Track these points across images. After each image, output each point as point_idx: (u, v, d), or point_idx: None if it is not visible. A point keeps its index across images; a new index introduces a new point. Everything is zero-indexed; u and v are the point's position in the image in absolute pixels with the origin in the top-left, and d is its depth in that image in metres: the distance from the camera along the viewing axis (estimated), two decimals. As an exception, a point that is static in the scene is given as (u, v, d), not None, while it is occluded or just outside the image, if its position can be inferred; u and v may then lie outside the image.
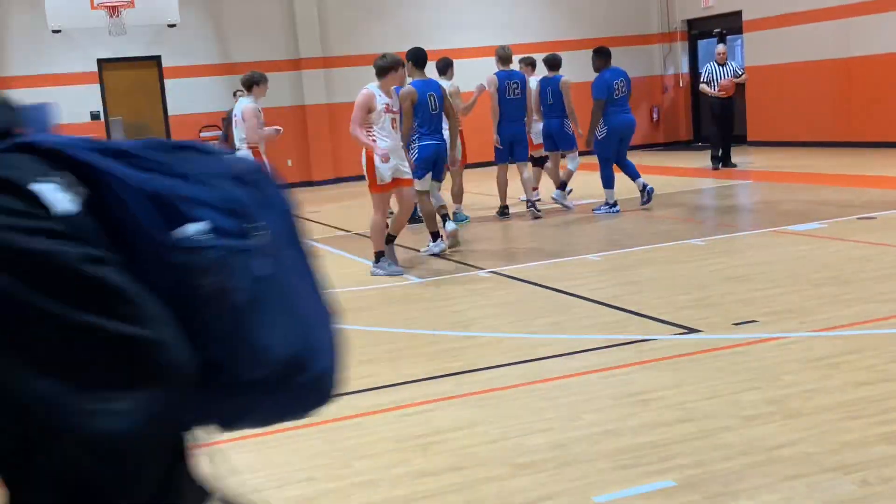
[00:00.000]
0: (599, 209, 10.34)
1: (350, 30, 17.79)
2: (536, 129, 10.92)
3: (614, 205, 10.24)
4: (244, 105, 9.33)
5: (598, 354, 4.97)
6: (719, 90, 13.97)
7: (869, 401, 3.90)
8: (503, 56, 10.35)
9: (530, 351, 5.16)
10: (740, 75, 14.10)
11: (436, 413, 4.27)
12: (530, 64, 11.29)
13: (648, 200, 10.14)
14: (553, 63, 10.91)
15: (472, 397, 4.46)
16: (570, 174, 10.75)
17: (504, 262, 7.92)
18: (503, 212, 10.59)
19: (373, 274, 7.74)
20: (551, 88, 10.68)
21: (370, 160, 7.58)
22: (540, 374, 4.71)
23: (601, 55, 10.41)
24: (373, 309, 6.62)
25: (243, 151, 8.91)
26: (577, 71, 14.62)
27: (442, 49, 18.26)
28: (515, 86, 10.13)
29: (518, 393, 4.46)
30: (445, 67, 10.37)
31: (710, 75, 14.01)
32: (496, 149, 10.32)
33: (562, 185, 10.74)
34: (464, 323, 5.95)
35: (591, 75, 11.48)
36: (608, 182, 10.23)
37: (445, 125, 8.85)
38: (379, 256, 7.80)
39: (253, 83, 9.30)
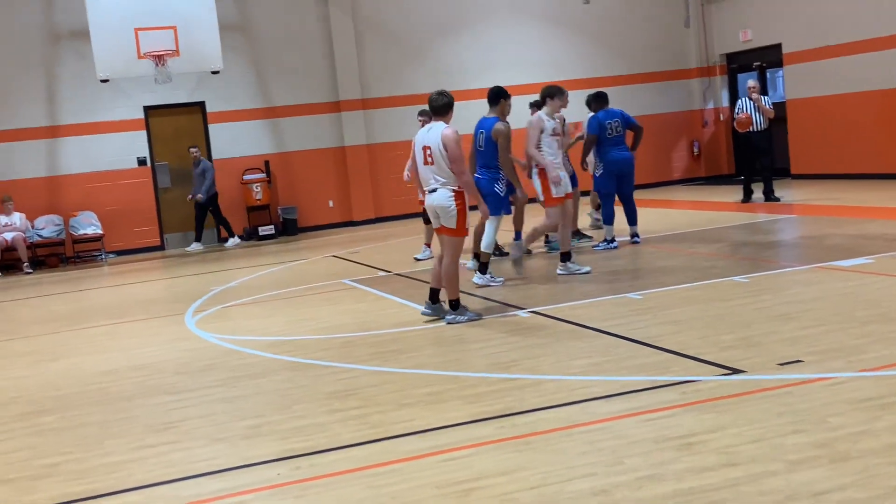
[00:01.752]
0: (598, 245, 10.69)
1: (388, 72, 18.03)
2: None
3: (612, 241, 10.56)
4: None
5: (640, 396, 4.93)
6: (736, 124, 14.04)
7: (919, 444, 3.83)
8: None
9: (571, 393, 5.13)
10: (769, 108, 14.03)
11: (477, 458, 4.27)
12: (538, 106, 11.34)
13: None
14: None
15: (512, 441, 4.45)
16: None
17: (544, 301, 7.91)
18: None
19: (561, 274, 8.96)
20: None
21: (543, 179, 8.99)
22: (581, 417, 4.68)
23: (599, 99, 10.97)
24: (414, 351, 6.64)
25: None
26: (617, 107, 14.59)
27: (477, 88, 18.48)
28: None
29: (559, 437, 4.45)
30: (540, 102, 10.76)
31: (741, 109, 14.02)
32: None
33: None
34: (504, 364, 5.95)
35: (630, 110, 11.72)
36: (608, 219, 10.72)
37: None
38: (566, 258, 9.12)
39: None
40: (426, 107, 8.81)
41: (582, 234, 11.45)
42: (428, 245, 11.25)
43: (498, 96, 9.16)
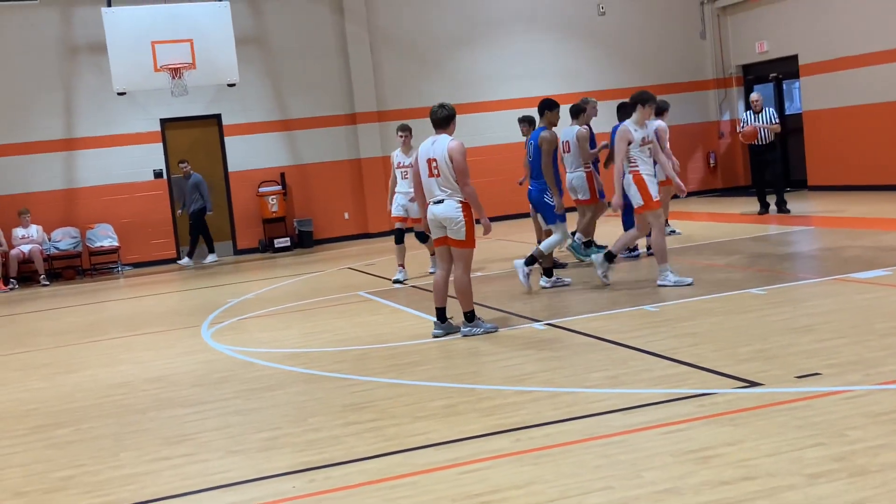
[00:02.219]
0: (622, 254, 10.66)
1: (404, 84, 18.09)
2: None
3: (634, 249, 10.76)
4: None
5: (657, 409, 4.90)
6: (741, 137, 14.07)
7: (940, 458, 3.78)
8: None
9: (587, 406, 5.10)
10: (775, 124, 13.99)
11: (493, 471, 4.24)
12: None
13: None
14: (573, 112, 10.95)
15: (529, 454, 4.42)
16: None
17: (559, 314, 7.88)
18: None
19: (663, 284, 8.60)
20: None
21: (640, 182, 8.61)
22: (598, 431, 4.65)
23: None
24: (429, 363, 6.62)
25: None
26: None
27: (493, 101, 18.53)
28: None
29: (576, 450, 4.42)
30: (577, 112, 10.88)
31: (745, 122, 14.08)
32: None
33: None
34: (519, 377, 5.93)
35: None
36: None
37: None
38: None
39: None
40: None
41: (598, 246, 11.39)
42: (402, 266, 11.04)
43: (545, 107, 9.40)
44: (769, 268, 8.97)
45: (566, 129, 10.78)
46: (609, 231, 11.60)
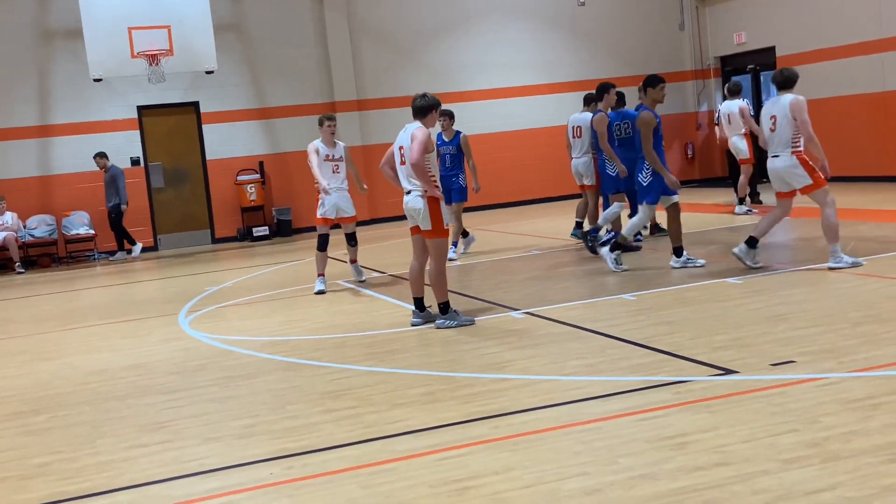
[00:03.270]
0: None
1: (383, 73, 18.04)
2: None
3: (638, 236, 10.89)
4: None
5: (634, 397, 4.94)
6: (718, 142, 14.27)
7: (910, 444, 3.84)
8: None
9: (565, 393, 5.14)
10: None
11: (471, 457, 4.27)
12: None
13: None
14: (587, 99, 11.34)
15: (507, 441, 4.45)
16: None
17: (538, 302, 7.91)
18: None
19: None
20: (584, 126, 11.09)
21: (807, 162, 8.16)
22: (575, 417, 4.69)
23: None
24: (408, 351, 6.64)
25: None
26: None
27: (473, 90, 18.52)
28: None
29: (554, 436, 4.45)
30: (590, 101, 11.28)
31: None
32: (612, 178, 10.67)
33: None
34: (498, 365, 5.95)
35: None
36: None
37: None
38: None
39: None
40: (445, 107, 9.19)
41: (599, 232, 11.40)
42: (321, 275, 9.85)
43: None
44: (617, 268, 9.05)
45: (576, 115, 11.32)
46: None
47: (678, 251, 8.91)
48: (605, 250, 9.24)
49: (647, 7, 19.54)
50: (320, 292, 9.70)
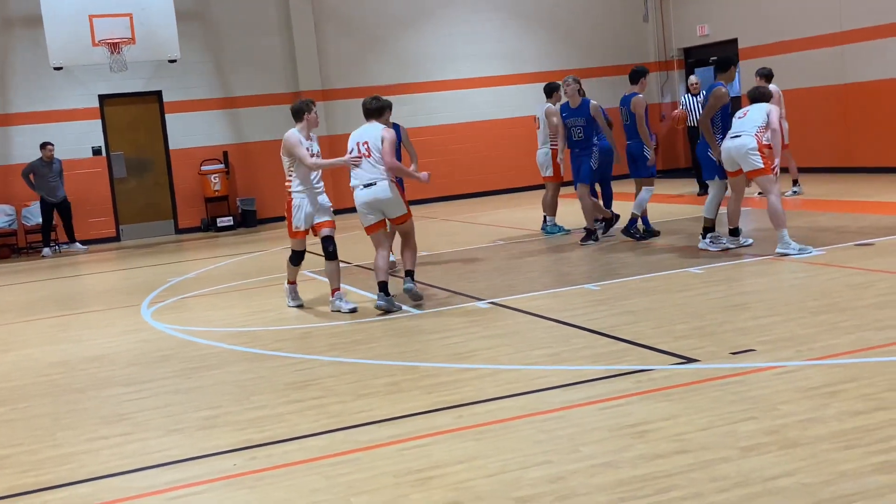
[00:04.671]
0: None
1: (349, 62, 17.95)
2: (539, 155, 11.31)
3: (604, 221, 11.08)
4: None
5: (596, 386, 4.98)
6: (673, 122, 14.34)
7: (865, 430, 3.91)
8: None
9: (529, 383, 5.17)
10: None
11: (435, 447, 4.28)
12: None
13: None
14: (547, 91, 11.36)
15: (470, 430, 4.47)
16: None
17: (503, 292, 7.94)
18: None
19: None
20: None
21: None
22: (538, 406, 4.72)
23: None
24: (372, 342, 6.64)
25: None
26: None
27: (441, 80, 18.50)
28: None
29: (517, 425, 4.48)
30: (551, 91, 11.31)
31: (685, 106, 14.34)
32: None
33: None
34: (463, 355, 5.97)
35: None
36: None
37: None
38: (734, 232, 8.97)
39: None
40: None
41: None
42: (293, 282, 8.32)
43: (638, 74, 10.41)
44: (708, 247, 9.12)
45: (539, 106, 11.36)
46: (565, 210, 11.67)
47: (708, 231, 9.04)
48: (703, 242, 9.02)
49: (611, -2, 19.62)
50: (298, 306, 8.21)
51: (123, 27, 13.91)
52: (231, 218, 16.98)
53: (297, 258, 8.10)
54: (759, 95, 8.80)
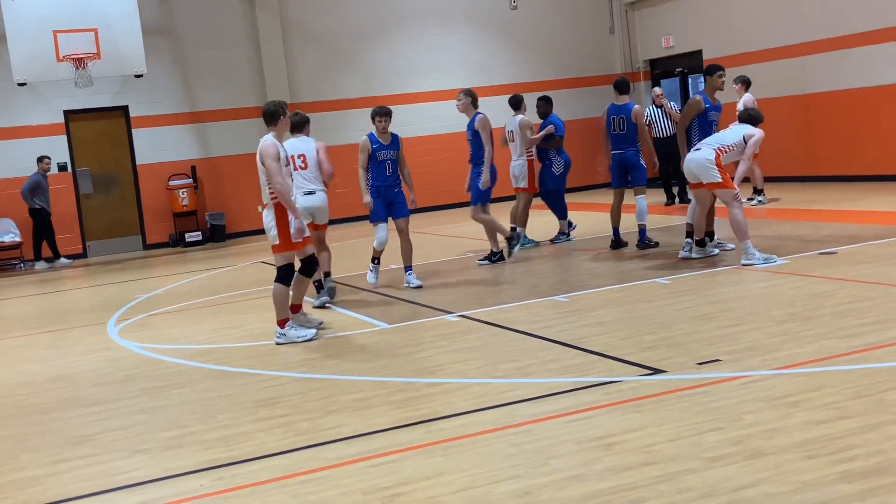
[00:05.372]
0: (559, 239, 11.43)
1: (317, 76, 17.93)
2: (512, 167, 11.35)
3: (568, 234, 11.45)
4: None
5: (564, 398, 5.00)
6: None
7: (828, 439, 3.96)
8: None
9: (497, 396, 5.18)
10: (675, 112, 14.46)
11: (403, 463, 4.27)
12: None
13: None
14: (515, 103, 11.38)
15: (439, 445, 4.46)
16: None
17: (472, 305, 7.95)
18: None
19: None
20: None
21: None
22: (507, 420, 4.72)
23: (549, 102, 11.69)
24: (341, 357, 6.61)
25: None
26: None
27: (410, 93, 18.53)
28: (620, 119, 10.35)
29: (485, 440, 4.48)
30: (518, 103, 11.35)
31: (649, 117, 14.47)
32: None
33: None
34: (431, 369, 5.97)
35: (562, 115, 12.17)
36: (564, 214, 11.51)
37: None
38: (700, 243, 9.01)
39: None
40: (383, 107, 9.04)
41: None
42: (298, 307, 7.59)
43: (628, 85, 10.53)
44: (674, 257, 9.21)
45: (510, 119, 11.29)
46: (536, 222, 11.71)
47: (700, 242, 9.05)
48: (683, 251, 9.05)
49: (578, 11, 19.77)
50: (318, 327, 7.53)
51: (88, 42, 13.80)
52: (200, 233, 16.86)
53: (291, 276, 7.29)
54: (749, 118, 8.87)
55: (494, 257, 10.21)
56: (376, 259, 9.21)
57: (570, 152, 11.93)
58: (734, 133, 8.66)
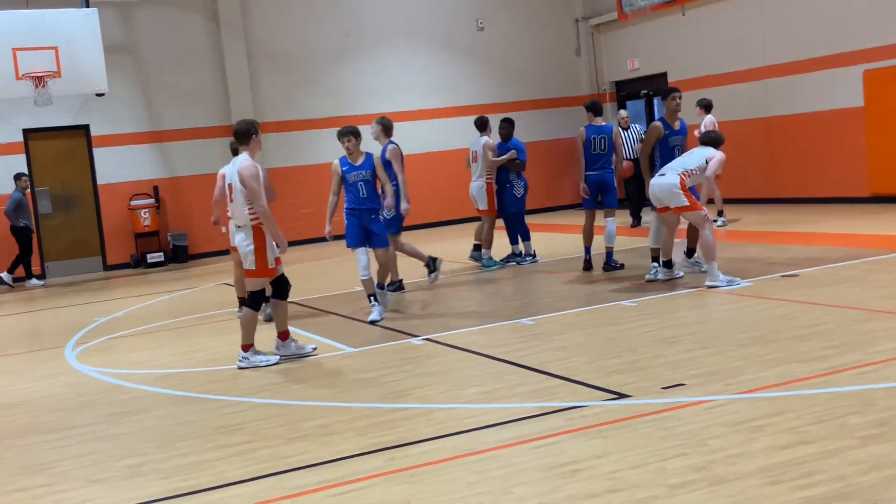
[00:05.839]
0: (525, 260, 11.44)
1: (282, 96, 17.86)
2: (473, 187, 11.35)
3: (534, 255, 11.49)
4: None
5: (529, 424, 4.96)
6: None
7: (790, 464, 3.96)
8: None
9: (462, 422, 5.13)
10: (642, 138, 14.59)
11: (367, 491, 4.21)
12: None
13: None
14: (480, 125, 11.43)
15: (403, 473, 4.41)
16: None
17: (438, 328, 7.91)
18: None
19: None
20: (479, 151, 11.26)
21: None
22: (471, 447, 4.68)
23: (511, 124, 11.62)
24: (304, 381, 6.53)
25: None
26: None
27: (376, 113, 18.47)
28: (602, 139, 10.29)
29: (450, 467, 4.43)
30: (484, 125, 11.37)
31: None
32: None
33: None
34: (397, 394, 5.91)
35: (523, 136, 12.13)
36: (527, 235, 11.54)
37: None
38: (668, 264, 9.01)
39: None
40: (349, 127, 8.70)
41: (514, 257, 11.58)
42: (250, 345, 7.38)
43: (600, 107, 10.48)
44: (639, 279, 9.24)
45: (475, 139, 11.33)
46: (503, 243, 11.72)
47: (667, 263, 9.05)
48: (650, 273, 9.08)
49: (544, 33, 19.92)
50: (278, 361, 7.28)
51: (49, 60, 13.60)
52: (161, 254, 16.66)
53: (262, 301, 7.17)
54: (710, 141, 8.98)
55: (392, 286, 9.87)
56: (372, 294, 8.60)
57: (535, 173, 12.06)
58: (696, 157, 8.75)
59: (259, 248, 6.98)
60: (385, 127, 9.94)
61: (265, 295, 7.24)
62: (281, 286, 7.29)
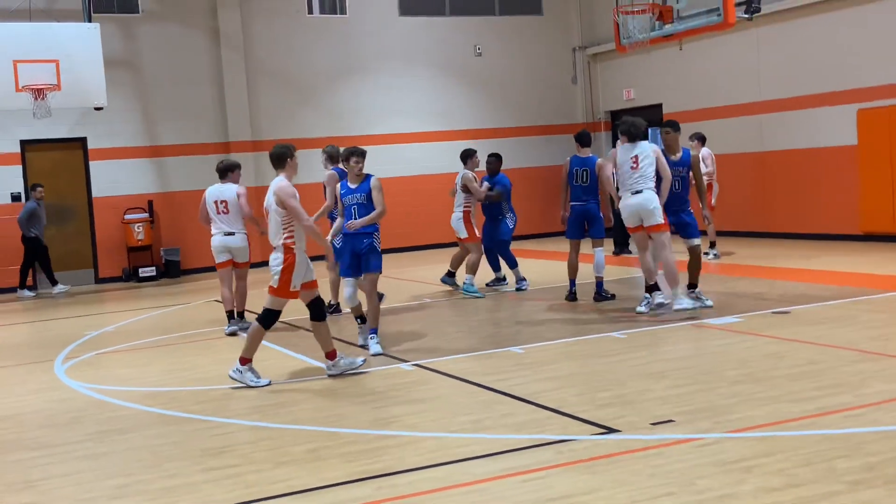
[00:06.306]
0: (505, 283, 11.69)
1: (280, 115, 17.92)
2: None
3: (524, 280, 11.55)
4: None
5: (518, 456, 4.96)
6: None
7: (779, 507, 3.97)
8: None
9: (450, 452, 5.12)
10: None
11: (353, 521, 4.20)
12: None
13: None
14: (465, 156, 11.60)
15: (390, 503, 4.40)
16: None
17: (428, 354, 7.91)
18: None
19: None
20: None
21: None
22: (460, 478, 4.67)
23: (499, 159, 11.79)
24: (295, 405, 6.52)
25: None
26: (506, 158, 14.88)
27: (372, 134, 18.57)
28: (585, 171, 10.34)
29: (437, 498, 4.42)
30: (466, 157, 11.51)
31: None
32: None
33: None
34: (385, 420, 5.90)
35: (518, 162, 12.14)
36: (514, 263, 11.57)
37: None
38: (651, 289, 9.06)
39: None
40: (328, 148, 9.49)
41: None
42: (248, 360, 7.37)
43: (590, 137, 10.70)
44: (629, 311, 9.27)
45: (462, 172, 11.48)
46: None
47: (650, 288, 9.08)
48: (641, 306, 9.14)
49: (541, 61, 20.06)
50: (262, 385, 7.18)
51: (49, 73, 13.63)
52: (154, 268, 16.63)
53: (273, 320, 7.15)
54: (638, 133, 9.00)
55: (331, 308, 10.04)
56: (359, 316, 8.44)
57: (530, 200, 12.12)
58: (650, 165, 8.91)
59: (287, 269, 7.02)
60: (329, 156, 10.39)
61: (278, 317, 7.22)
62: (317, 307, 7.25)
